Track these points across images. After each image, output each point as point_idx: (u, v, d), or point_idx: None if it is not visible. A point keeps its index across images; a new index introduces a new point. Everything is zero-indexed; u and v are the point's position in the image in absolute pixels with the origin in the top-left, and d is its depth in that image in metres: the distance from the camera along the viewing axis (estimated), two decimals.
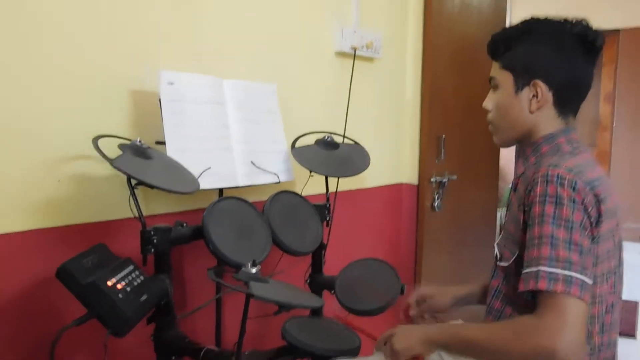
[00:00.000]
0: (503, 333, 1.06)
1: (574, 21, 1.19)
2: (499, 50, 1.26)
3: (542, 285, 1.01)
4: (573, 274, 1.01)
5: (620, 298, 1.22)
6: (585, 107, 1.28)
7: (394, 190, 2.64)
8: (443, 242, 2.81)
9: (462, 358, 1.19)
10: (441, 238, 2.79)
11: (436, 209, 2.69)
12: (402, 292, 1.67)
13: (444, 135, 2.66)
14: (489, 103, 1.30)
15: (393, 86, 2.58)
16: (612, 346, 1.19)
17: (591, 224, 1.07)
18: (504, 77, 1.24)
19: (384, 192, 2.58)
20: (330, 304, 1.69)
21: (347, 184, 2.26)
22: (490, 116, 1.30)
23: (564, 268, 1.01)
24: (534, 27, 1.21)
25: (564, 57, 1.18)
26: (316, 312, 1.81)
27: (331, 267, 1.87)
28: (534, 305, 1.05)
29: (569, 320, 0.98)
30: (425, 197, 2.65)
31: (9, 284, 1.32)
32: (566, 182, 1.06)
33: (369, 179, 2.43)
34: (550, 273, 1.01)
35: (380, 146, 2.47)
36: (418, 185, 2.67)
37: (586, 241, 1.05)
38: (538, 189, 1.08)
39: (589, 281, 1.02)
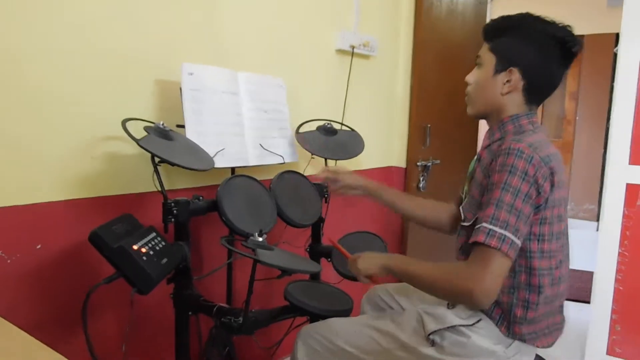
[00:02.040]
0: (438, 272, 1.11)
1: (560, 25, 1.17)
2: (492, 35, 1.24)
3: (481, 238, 1.04)
4: (507, 233, 1.03)
5: (568, 257, 1.23)
6: (553, 103, 1.27)
7: (385, 172, 2.61)
8: None
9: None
10: None
11: (421, 189, 2.67)
12: None
13: (429, 125, 2.63)
14: (470, 77, 1.29)
15: (386, 81, 2.54)
16: (560, 297, 1.21)
17: (539, 193, 1.07)
18: (488, 58, 1.24)
19: (376, 174, 2.56)
20: (327, 270, 1.68)
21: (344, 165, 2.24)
22: (469, 88, 1.30)
23: (501, 227, 1.03)
24: (525, 23, 1.19)
25: (542, 57, 1.17)
26: (315, 276, 1.80)
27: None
28: None
29: (491, 270, 1.02)
30: (412, 178, 2.63)
31: (49, 246, 1.31)
32: (525, 155, 1.06)
33: (363, 161, 2.40)
34: (490, 229, 1.04)
35: (374, 133, 2.45)
36: (406, 168, 2.65)
37: (527, 209, 1.06)
38: (500, 159, 1.09)
39: (518, 242, 1.05)
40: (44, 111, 1.27)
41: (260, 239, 1.20)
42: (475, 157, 1.31)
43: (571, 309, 2.69)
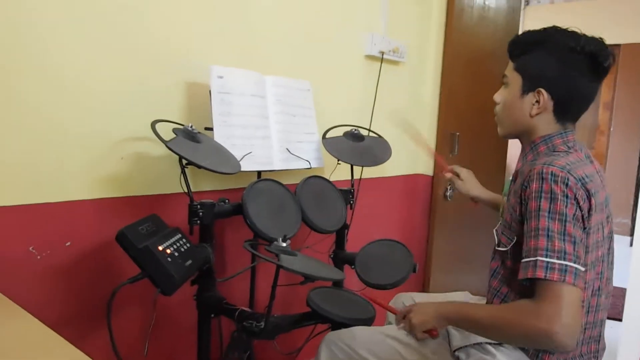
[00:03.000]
0: (505, 316, 1.02)
1: (588, 38, 1.10)
2: (516, 52, 1.19)
3: (540, 273, 0.96)
4: (568, 263, 0.96)
5: (609, 282, 1.17)
6: (586, 114, 1.21)
7: (412, 179, 2.58)
8: (452, 227, 2.74)
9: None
10: (451, 224, 2.72)
11: (448, 198, 2.62)
12: (414, 270, 1.62)
13: (458, 133, 2.59)
14: (498, 97, 1.24)
15: (415, 87, 2.50)
16: (599, 325, 1.15)
17: (583, 216, 1.02)
18: (514, 78, 1.19)
19: (402, 181, 2.53)
20: (351, 278, 1.66)
21: (370, 172, 2.22)
22: (497, 109, 1.25)
23: (559, 258, 0.96)
24: (550, 38, 1.13)
25: (570, 73, 1.11)
26: (338, 283, 1.79)
27: (353, 245, 1.83)
28: (530, 289, 1.01)
29: (564, 306, 0.94)
30: (439, 187, 2.58)
31: (79, 244, 1.33)
32: (559, 179, 1.00)
33: (389, 168, 2.38)
34: (547, 262, 0.96)
35: (401, 140, 2.41)
36: (433, 176, 2.61)
37: (579, 232, 1.00)
38: (534, 186, 1.03)
39: (582, 268, 0.98)
40: (75, 111, 1.29)
41: (284, 244, 1.19)
42: (511, 177, 1.26)
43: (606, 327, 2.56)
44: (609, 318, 1.21)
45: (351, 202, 1.83)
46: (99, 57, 1.32)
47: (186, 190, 1.33)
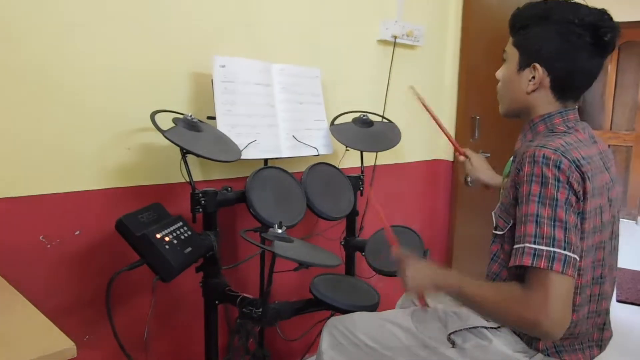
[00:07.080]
0: (495, 298, 0.99)
1: (589, 9, 1.03)
2: (515, 27, 1.13)
3: (527, 261, 0.93)
4: (556, 249, 0.91)
5: (612, 270, 1.10)
6: (625, 92, 1.13)
7: (431, 165, 2.51)
8: (475, 213, 2.66)
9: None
10: (473, 209, 2.64)
11: (469, 184, 2.54)
12: (424, 256, 1.58)
13: (478, 117, 2.50)
14: (499, 73, 1.19)
15: (432, 71, 2.42)
16: (603, 314, 1.09)
17: (578, 199, 0.96)
18: (512, 53, 1.13)
19: (421, 167, 2.46)
20: (362, 264, 1.64)
21: (388, 158, 2.18)
22: (498, 86, 1.20)
23: (547, 245, 0.92)
24: (550, 11, 1.06)
25: (568, 48, 1.03)
26: (350, 270, 1.77)
27: (371, 231, 1.79)
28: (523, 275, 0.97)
29: (551, 295, 0.90)
30: (459, 171, 2.50)
31: (87, 232, 1.37)
32: (551, 162, 0.95)
33: (407, 154, 2.32)
34: (535, 249, 0.92)
35: (419, 125, 2.34)
36: (453, 162, 2.53)
37: (572, 217, 0.94)
38: (526, 169, 0.98)
39: (574, 256, 0.92)
40: (83, 104, 1.32)
41: (280, 231, 1.17)
42: (511, 157, 1.20)
43: (628, 313, 2.52)
44: (629, 303, 1.14)
45: (361, 188, 1.79)
46: (103, 51, 1.34)
47: (187, 179, 1.33)
